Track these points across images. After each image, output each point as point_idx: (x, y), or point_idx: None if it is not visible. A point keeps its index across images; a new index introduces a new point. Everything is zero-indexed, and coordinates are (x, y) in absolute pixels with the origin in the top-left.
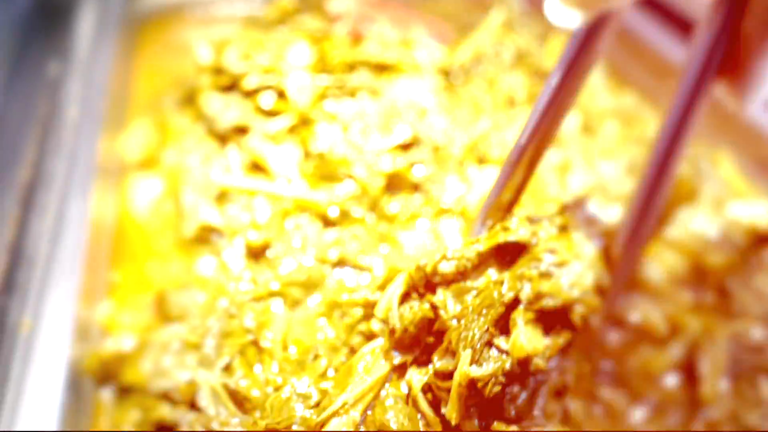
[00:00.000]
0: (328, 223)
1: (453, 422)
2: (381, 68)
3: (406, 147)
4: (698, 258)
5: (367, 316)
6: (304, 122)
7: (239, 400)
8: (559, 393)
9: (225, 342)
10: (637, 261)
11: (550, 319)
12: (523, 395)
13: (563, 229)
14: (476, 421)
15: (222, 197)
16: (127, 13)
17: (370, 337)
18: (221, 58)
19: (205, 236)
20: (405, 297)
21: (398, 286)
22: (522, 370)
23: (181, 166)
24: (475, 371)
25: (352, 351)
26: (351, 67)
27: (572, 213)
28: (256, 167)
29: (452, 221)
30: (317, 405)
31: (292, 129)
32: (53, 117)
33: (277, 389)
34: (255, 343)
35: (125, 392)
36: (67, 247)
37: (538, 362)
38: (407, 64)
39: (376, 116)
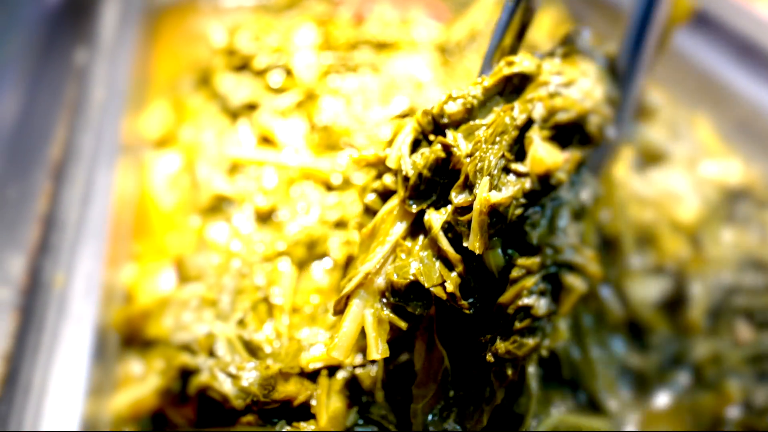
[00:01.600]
0: (330, 188)
1: (477, 251)
2: (381, 46)
3: (403, 118)
4: (672, 213)
5: (380, 174)
6: (310, 97)
7: (253, 349)
8: (578, 215)
9: (238, 298)
10: (643, 76)
11: (567, 133)
12: (544, 219)
13: (566, 55)
14: (499, 251)
15: (234, 169)
16: (147, 4)
17: (384, 193)
18: (234, 40)
19: (217, 205)
20: (415, 145)
21: (407, 134)
22: (543, 187)
23: (196, 142)
24: (495, 196)
25: (368, 211)
26: (353, 46)
27: (573, 41)
28: (266, 140)
29: None
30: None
31: (300, 104)
32: (81, 99)
33: (289, 339)
34: (266, 299)
35: (149, 345)
36: (94, 214)
37: (560, 175)
38: (406, 41)
39: (376, 90)
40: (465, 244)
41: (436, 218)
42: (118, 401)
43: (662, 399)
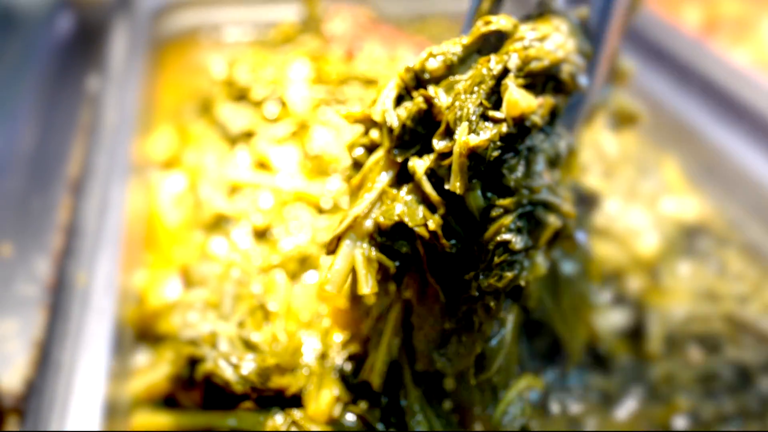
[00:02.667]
0: (321, 211)
1: (458, 191)
2: (369, 81)
3: None
4: (633, 248)
5: (367, 131)
6: (303, 127)
7: (251, 348)
8: (554, 163)
9: (238, 304)
10: (614, 34)
11: (540, 81)
12: (521, 165)
13: (541, 15)
14: (479, 192)
15: (233, 190)
16: (153, 37)
17: (370, 148)
18: (233, 72)
19: (218, 222)
20: (399, 100)
21: (391, 90)
22: (518, 131)
23: (199, 165)
24: (474, 139)
25: (356, 165)
26: (343, 81)
27: (547, 3)
28: (262, 165)
29: None
30: (322, 356)
31: (294, 133)
32: (95, 122)
33: (288, 339)
34: (262, 306)
35: (160, 339)
36: (110, 224)
37: (534, 119)
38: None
39: None
40: (446, 187)
41: (419, 164)
42: (135, 385)
43: (620, 412)
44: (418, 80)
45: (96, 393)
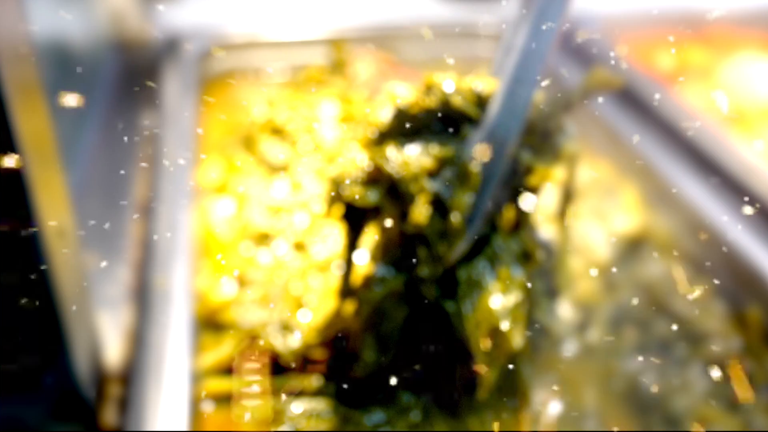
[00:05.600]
0: None
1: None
2: None
3: None
4: (590, 256)
5: None
6: (332, 159)
7: (294, 330)
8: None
9: (282, 302)
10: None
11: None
12: None
13: None
14: None
15: (274, 212)
16: (199, 77)
17: None
18: (272, 111)
19: (263, 239)
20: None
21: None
22: None
23: (245, 191)
24: None
25: None
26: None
27: None
28: (298, 190)
29: None
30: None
31: (325, 165)
32: (155, 156)
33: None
34: (300, 303)
35: (223, 327)
36: (179, 239)
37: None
38: None
39: None
40: None
41: None
42: (206, 359)
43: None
44: None
45: (182, 364)
